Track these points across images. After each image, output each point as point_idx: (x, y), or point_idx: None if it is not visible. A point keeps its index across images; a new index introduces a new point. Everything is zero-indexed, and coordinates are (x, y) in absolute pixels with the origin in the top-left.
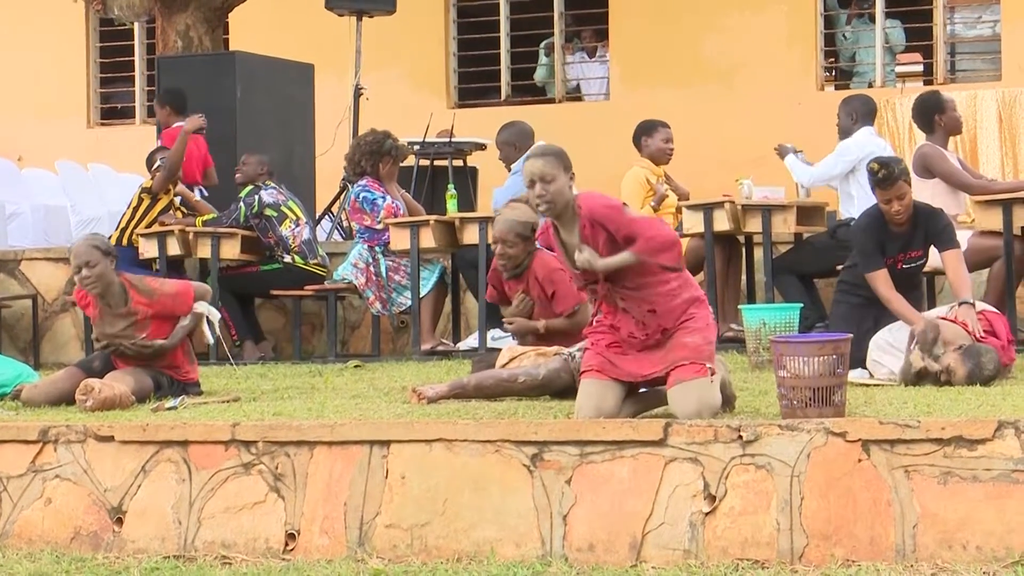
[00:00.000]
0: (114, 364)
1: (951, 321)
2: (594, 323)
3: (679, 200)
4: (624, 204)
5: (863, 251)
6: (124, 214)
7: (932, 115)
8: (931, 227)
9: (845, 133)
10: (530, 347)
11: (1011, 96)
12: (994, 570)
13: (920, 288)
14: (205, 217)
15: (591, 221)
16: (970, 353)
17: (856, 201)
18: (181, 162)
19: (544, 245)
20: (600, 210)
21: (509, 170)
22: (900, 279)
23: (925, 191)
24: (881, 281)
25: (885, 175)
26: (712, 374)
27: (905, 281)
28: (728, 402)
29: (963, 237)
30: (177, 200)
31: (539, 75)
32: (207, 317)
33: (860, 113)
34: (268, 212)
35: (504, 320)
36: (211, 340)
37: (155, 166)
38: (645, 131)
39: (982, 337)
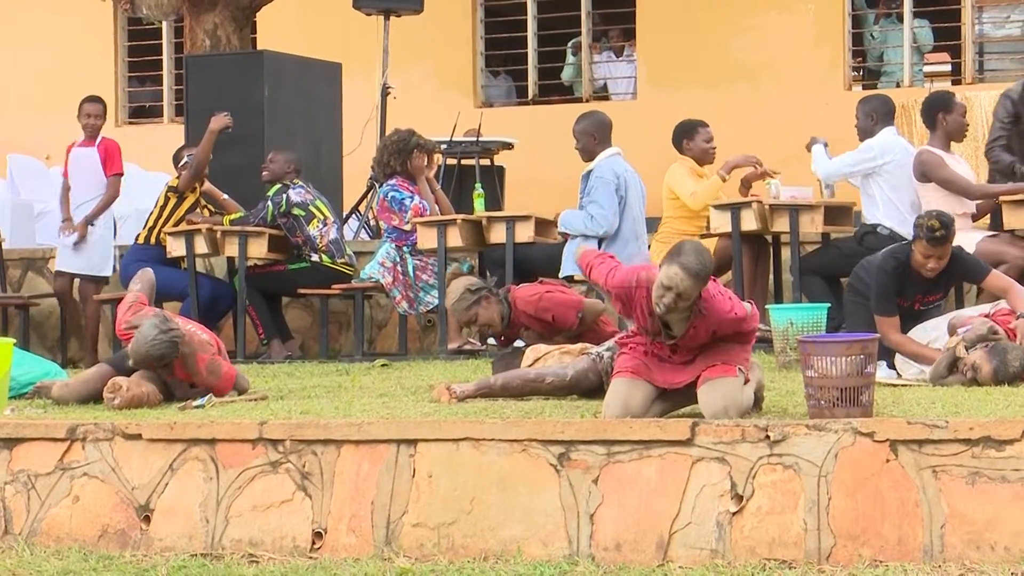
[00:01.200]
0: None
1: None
2: (629, 331)
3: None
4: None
5: (880, 293)
6: (151, 213)
7: (936, 112)
8: (957, 271)
9: (865, 134)
10: (554, 347)
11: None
12: (1022, 570)
13: (935, 316)
14: (232, 216)
15: (712, 327)
16: (996, 351)
17: (879, 204)
18: (207, 161)
19: None
20: (715, 314)
21: (586, 160)
22: (916, 316)
23: (927, 194)
24: (891, 328)
25: (942, 236)
26: (744, 376)
27: (920, 316)
28: (757, 403)
29: (971, 240)
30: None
31: (566, 74)
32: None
33: (880, 113)
34: (296, 211)
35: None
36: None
37: (182, 163)
38: (685, 133)
39: None
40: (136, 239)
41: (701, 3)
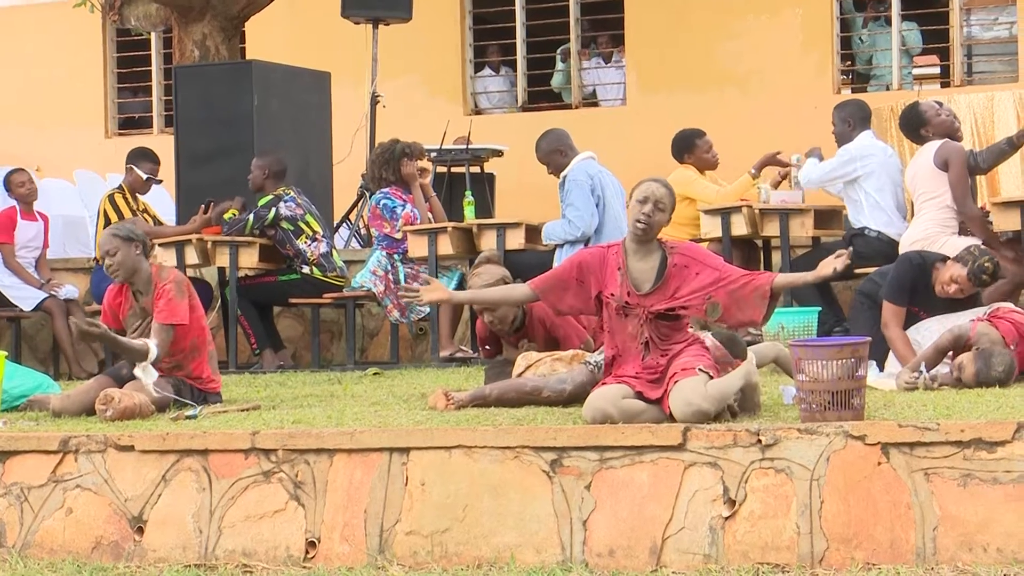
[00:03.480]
0: None
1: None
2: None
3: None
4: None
5: (898, 282)
6: (98, 227)
7: (918, 129)
8: (962, 304)
9: (842, 139)
10: (545, 354)
11: None
12: (1015, 572)
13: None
14: (228, 214)
15: (692, 259)
16: (982, 354)
17: (865, 207)
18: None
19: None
20: (702, 252)
21: (558, 177)
22: (908, 319)
23: (941, 184)
24: (895, 319)
25: (987, 282)
26: (706, 375)
27: (909, 320)
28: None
29: (962, 246)
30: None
31: (556, 81)
32: (143, 368)
33: (856, 118)
34: (284, 225)
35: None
36: (143, 380)
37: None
38: (685, 148)
39: None
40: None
41: (689, 9)
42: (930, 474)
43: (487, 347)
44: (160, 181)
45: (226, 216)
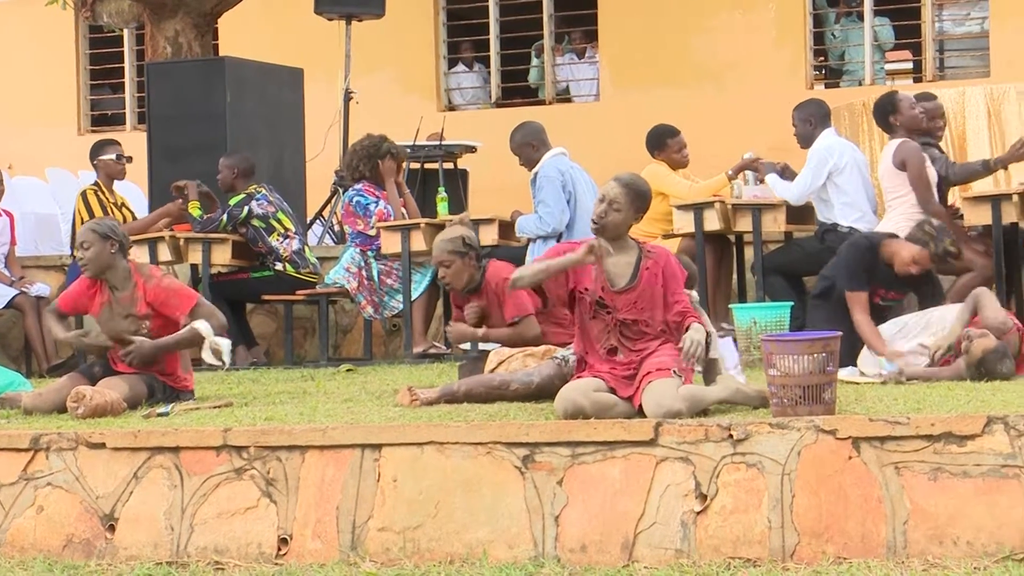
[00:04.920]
0: (114, 369)
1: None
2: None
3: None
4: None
5: (851, 269)
6: (73, 225)
7: (887, 117)
8: (921, 283)
9: (804, 139)
10: (517, 349)
11: (1000, 92)
12: (985, 565)
13: (893, 316)
14: (195, 211)
15: (663, 268)
16: (998, 351)
17: (835, 205)
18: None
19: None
20: (675, 265)
21: (529, 171)
22: (875, 310)
23: (904, 183)
24: (860, 303)
25: (950, 263)
26: (680, 377)
27: (877, 314)
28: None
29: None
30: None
31: (533, 77)
32: (211, 345)
33: (817, 117)
34: (256, 222)
35: (446, 329)
36: (219, 364)
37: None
38: (656, 145)
39: None
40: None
41: (663, 5)
42: (901, 468)
43: (457, 307)
44: (131, 158)
45: (192, 211)
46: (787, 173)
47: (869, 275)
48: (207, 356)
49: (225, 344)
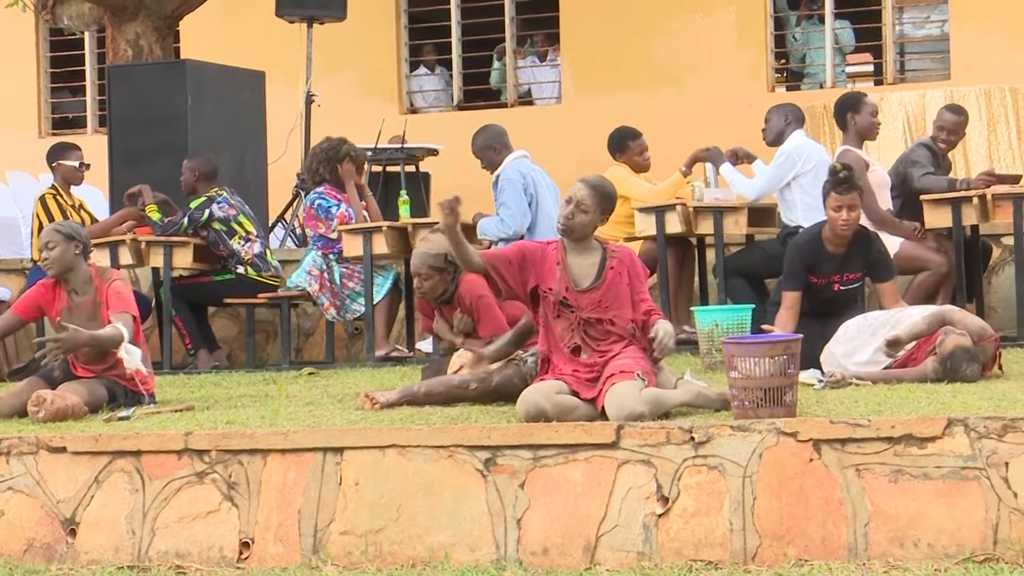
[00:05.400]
0: (73, 373)
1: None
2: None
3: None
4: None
5: (790, 268)
6: (32, 229)
7: (846, 113)
8: (868, 253)
9: (775, 135)
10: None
11: (960, 95)
12: (945, 567)
13: (857, 308)
14: (154, 215)
15: (628, 267)
16: (970, 352)
17: (799, 207)
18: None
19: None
20: (639, 264)
21: (491, 174)
22: (838, 300)
23: None
24: (791, 301)
25: (847, 176)
26: (643, 380)
27: (843, 302)
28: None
29: (894, 242)
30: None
31: (495, 79)
32: (125, 350)
33: (793, 117)
34: (217, 226)
35: (433, 331)
36: (128, 368)
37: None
38: (618, 148)
39: None
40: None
41: (624, 7)
42: (861, 470)
43: (426, 317)
44: (89, 165)
45: (151, 214)
46: (741, 157)
47: (815, 268)
48: (122, 354)
49: (137, 353)
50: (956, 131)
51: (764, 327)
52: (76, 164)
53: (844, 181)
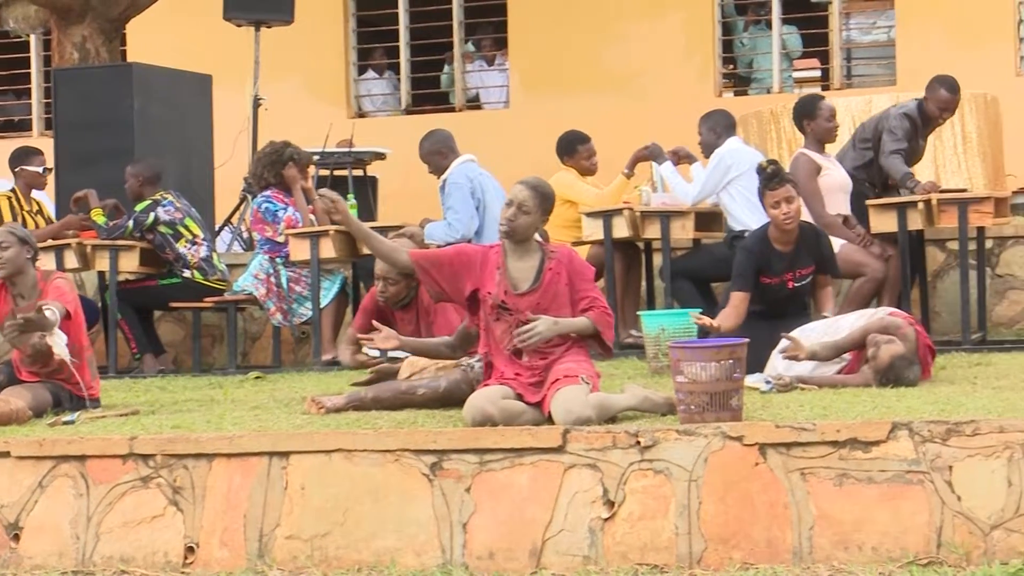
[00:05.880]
0: (18, 377)
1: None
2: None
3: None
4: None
5: (739, 271)
6: None
7: (801, 119)
8: (819, 247)
9: (709, 148)
10: (430, 362)
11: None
12: (890, 570)
13: (808, 306)
14: (99, 218)
15: (567, 267)
16: (906, 357)
17: (742, 211)
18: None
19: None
20: (579, 262)
21: (438, 179)
22: (794, 298)
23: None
24: (737, 300)
25: (774, 171)
26: (588, 385)
27: (795, 299)
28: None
29: (836, 243)
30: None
31: (445, 83)
32: (56, 332)
33: (722, 127)
34: (163, 229)
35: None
36: (57, 353)
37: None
38: (566, 151)
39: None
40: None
41: (572, 12)
42: (806, 474)
43: (364, 319)
44: (51, 170)
45: (96, 218)
46: (683, 157)
47: (766, 269)
48: (50, 340)
49: (63, 339)
50: (955, 107)
51: (704, 321)
52: (40, 169)
53: (772, 176)
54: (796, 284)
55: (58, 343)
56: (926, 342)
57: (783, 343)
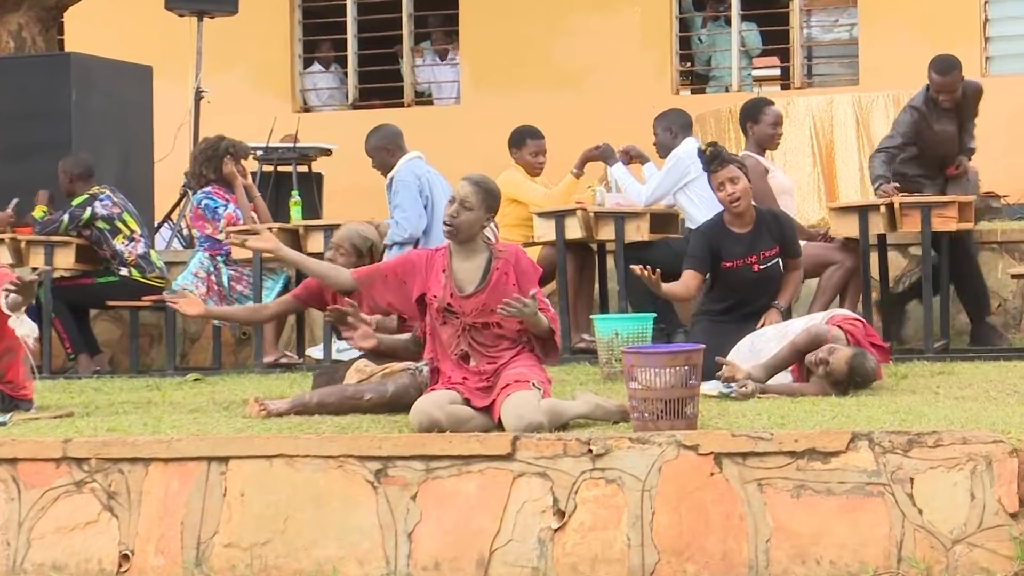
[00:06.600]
0: None
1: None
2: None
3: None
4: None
5: (692, 251)
6: None
7: (745, 121)
8: (780, 228)
9: (664, 149)
10: (378, 368)
11: (868, 101)
12: None
13: (779, 288)
14: (39, 214)
15: (514, 267)
16: (858, 354)
17: (704, 212)
18: None
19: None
20: (526, 263)
21: (384, 176)
22: (760, 283)
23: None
24: (688, 278)
25: (713, 152)
26: (540, 391)
27: (766, 283)
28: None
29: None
30: None
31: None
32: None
33: (678, 126)
34: (100, 224)
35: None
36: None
37: None
38: (515, 143)
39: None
40: None
41: (525, 6)
42: (763, 485)
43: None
44: None
45: (36, 214)
46: (634, 157)
47: (723, 252)
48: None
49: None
50: (950, 89)
51: (645, 272)
52: None
53: (714, 157)
54: (762, 266)
55: (21, 327)
56: (873, 340)
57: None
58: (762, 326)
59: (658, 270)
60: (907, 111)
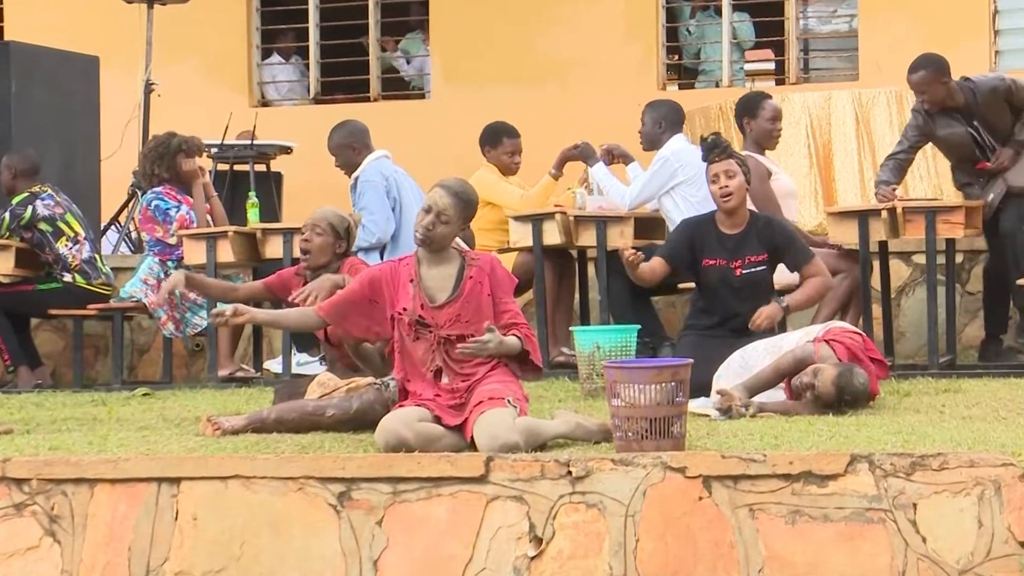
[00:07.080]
0: None
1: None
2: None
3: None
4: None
5: (669, 239)
6: None
7: (741, 118)
8: (771, 236)
9: (650, 141)
10: (343, 382)
11: (869, 97)
12: None
13: (769, 301)
14: None
15: (489, 276)
16: (844, 365)
17: (674, 220)
18: None
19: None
20: (502, 272)
21: (348, 176)
22: (744, 288)
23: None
24: (655, 263)
25: (715, 141)
26: (515, 408)
27: (750, 290)
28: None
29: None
30: None
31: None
32: None
33: (669, 121)
34: (43, 226)
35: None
36: None
37: None
38: (488, 141)
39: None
40: None
41: None
42: (755, 510)
43: (273, 284)
44: None
45: None
46: (617, 156)
47: (707, 247)
48: None
49: None
50: (924, 89)
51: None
52: None
53: (714, 146)
54: (744, 271)
55: None
56: (872, 355)
57: (715, 396)
58: (757, 319)
59: (640, 253)
60: (911, 115)
